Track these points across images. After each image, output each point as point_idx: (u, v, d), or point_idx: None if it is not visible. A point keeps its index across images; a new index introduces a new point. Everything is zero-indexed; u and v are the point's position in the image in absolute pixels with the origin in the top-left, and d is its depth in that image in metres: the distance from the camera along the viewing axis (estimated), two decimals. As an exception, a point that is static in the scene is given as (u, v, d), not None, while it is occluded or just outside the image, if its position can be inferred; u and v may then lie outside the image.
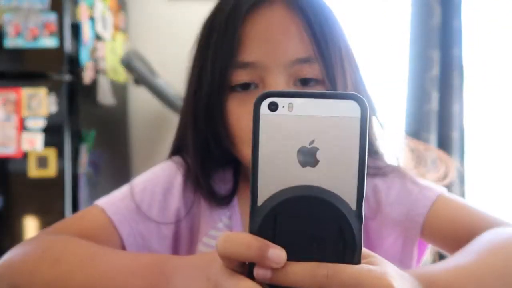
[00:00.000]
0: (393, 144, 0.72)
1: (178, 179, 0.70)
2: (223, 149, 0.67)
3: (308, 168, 0.36)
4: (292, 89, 0.62)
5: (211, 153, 0.68)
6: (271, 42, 0.61)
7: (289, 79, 0.61)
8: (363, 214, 0.36)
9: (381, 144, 0.70)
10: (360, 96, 0.36)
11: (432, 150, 0.77)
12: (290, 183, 0.37)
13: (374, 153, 0.70)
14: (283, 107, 0.36)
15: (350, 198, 0.36)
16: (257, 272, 0.36)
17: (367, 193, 0.69)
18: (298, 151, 0.36)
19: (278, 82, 0.60)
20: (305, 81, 0.62)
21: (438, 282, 0.48)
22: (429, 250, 0.73)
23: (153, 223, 0.67)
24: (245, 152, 0.64)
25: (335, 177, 0.37)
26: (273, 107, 0.36)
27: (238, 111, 0.63)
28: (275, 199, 0.36)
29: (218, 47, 0.62)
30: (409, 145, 0.74)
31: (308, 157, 0.36)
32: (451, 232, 0.64)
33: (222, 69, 0.62)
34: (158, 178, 0.70)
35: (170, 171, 0.71)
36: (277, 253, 0.35)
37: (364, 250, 0.38)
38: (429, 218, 0.66)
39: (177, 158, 0.72)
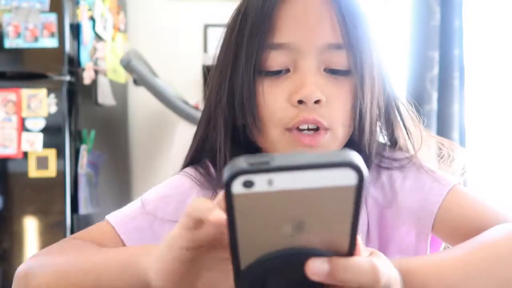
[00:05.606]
0: (413, 136, 0.72)
1: (192, 197, 0.68)
2: (248, 139, 0.67)
3: (293, 235, 0.33)
4: (321, 77, 0.62)
5: (238, 143, 0.68)
6: (306, 24, 0.62)
7: (320, 65, 0.62)
8: None
9: (402, 135, 0.71)
10: (356, 162, 0.30)
11: (444, 143, 0.76)
12: (274, 248, 0.34)
13: (394, 144, 0.71)
14: (260, 183, 0.30)
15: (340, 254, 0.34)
16: None
17: (383, 181, 0.69)
18: (282, 223, 0.32)
19: (310, 66, 0.62)
20: (333, 71, 0.63)
21: (417, 275, 0.48)
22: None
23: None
24: (273, 133, 0.64)
25: (322, 240, 0.34)
26: (248, 184, 0.30)
27: (268, 92, 0.63)
28: (260, 263, 0.34)
29: (254, 28, 0.63)
30: (427, 139, 0.73)
31: (293, 227, 0.32)
32: (461, 226, 0.63)
33: (258, 50, 0.62)
34: (171, 196, 0.68)
35: (184, 188, 0.69)
36: None
37: (370, 248, 0.37)
38: (441, 209, 0.65)
39: (190, 171, 0.70)
